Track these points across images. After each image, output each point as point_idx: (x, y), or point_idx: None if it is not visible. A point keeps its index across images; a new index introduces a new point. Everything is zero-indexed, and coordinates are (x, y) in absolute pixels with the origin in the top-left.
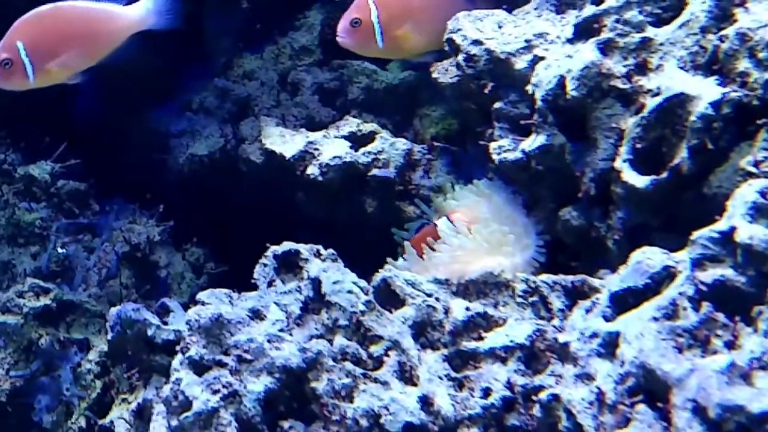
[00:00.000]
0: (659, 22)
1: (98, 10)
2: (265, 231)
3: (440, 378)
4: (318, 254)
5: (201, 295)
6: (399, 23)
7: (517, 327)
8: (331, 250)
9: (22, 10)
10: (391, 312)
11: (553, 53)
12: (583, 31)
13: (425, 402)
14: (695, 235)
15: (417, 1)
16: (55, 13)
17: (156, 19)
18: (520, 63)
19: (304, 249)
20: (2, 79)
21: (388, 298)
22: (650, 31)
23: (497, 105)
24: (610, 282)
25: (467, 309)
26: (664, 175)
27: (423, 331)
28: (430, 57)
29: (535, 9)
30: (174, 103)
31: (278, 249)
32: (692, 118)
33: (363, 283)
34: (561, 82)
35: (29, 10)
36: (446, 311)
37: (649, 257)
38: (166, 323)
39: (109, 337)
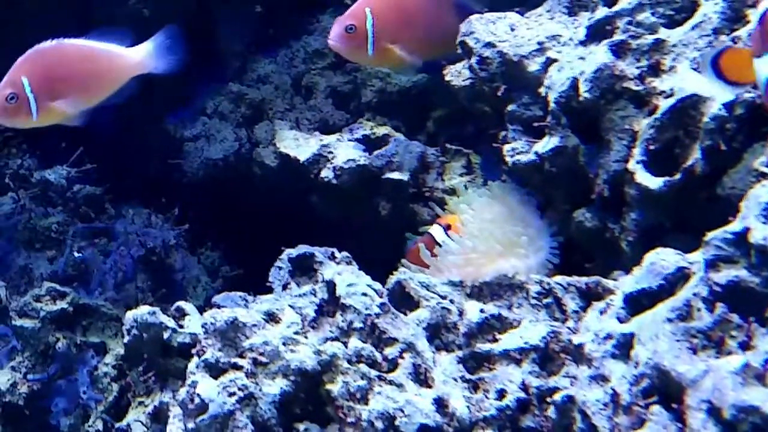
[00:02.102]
0: (672, 23)
1: (101, 51)
2: (280, 234)
3: (455, 380)
4: (332, 257)
5: (216, 299)
6: (391, 35)
7: (531, 328)
8: (345, 253)
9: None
10: (405, 314)
11: (565, 55)
12: (596, 33)
13: (440, 404)
14: (709, 236)
15: (411, 15)
16: (59, 50)
17: (156, 63)
18: (533, 65)
19: (319, 252)
20: (6, 115)
21: (403, 300)
22: (663, 33)
23: (510, 107)
24: (624, 283)
25: (481, 311)
26: (678, 176)
27: (437, 333)
28: (408, 71)
29: (548, 11)
30: (189, 108)
31: (293, 252)
32: (705, 119)
33: (377, 285)
34: (574, 84)
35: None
36: (461, 313)
37: (663, 258)
38: (182, 326)
39: (125, 340)
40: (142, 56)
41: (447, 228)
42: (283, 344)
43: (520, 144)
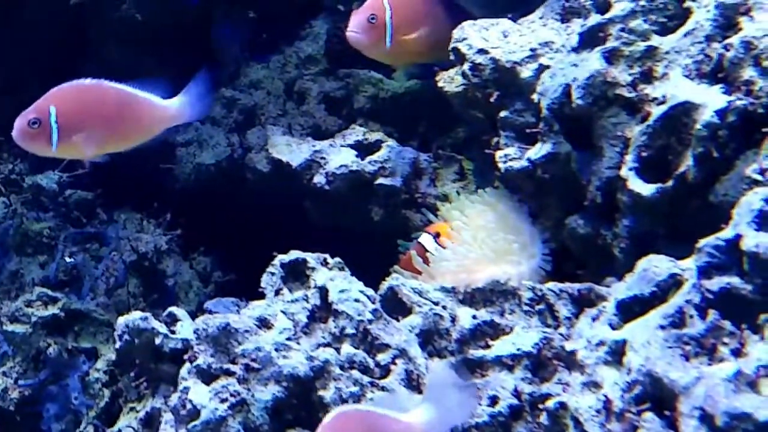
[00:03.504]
0: (664, 30)
1: (140, 99)
2: (272, 240)
3: None
4: (325, 263)
5: (208, 304)
6: (408, 28)
7: (523, 335)
8: (337, 259)
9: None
10: (398, 320)
11: (558, 62)
12: (589, 39)
13: None
14: (701, 243)
15: (426, 9)
16: (97, 90)
17: (190, 113)
18: (526, 72)
19: (311, 258)
20: (26, 139)
21: (395, 306)
22: (655, 40)
23: (503, 114)
24: (617, 290)
25: (474, 317)
26: (670, 183)
27: (430, 339)
28: (417, 69)
29: (540, 18)
30: None
31: (285, 258)
32: (697, 126)
33: (370, 291)
34: (566, 91)
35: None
36: (453, 319)
37: (655, 265)
38: (173, 332)
39: (116, 345)
40: (177, 108)
41: (436, 236)
42: (276, 350)
43: (513, 150)
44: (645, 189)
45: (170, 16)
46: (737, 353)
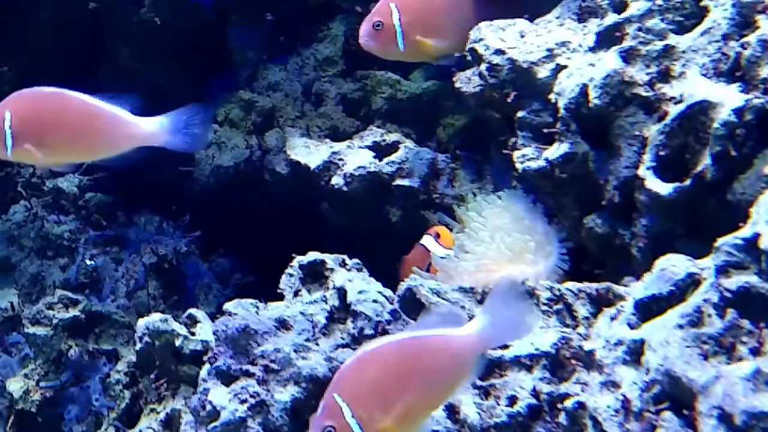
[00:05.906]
0: (681, 29)
1: (104, 113)
2: (291, 241)
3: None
4: (343, 264)
5: (228, 306)
6: (420, 27)
7: (542, 335)
8: (356, 260)
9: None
10: (416, 321)
11: (575, 62)
12: (606, 39)
13: (451, 411)
14: (719, 242)
15: (437, 5)
16: (56, 98)
17: (170, 138)
18: (543, 72)
19: (330, 259)
20: None
21: (414, 307)
22: (672, 39)
23: (520, 114)
24: (635, 289)
25: None
26: (688, 182)
27: None
28: (447, 60)
29: (557, 18)
30: None
31: (304, 259)
32: (715, 125)
33: (388, 292)
34: (584, 91)
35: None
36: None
37: (673, 264)
38: (193, 334)
39: (137, 347)
40: (153, 129)
41: (437, 237)
42: (295, 351)
43: (530, 150)
44: (663, 188)
45: (186, 19)
46: (756, 352)
